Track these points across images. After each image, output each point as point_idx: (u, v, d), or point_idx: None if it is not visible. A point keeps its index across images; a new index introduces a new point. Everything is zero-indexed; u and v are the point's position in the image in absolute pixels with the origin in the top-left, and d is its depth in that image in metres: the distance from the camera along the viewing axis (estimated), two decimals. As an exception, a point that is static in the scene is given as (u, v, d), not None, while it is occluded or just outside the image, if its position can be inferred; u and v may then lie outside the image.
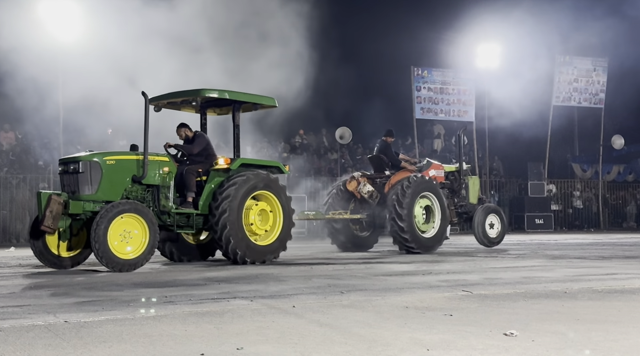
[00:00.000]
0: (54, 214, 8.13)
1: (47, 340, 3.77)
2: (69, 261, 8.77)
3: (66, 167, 8.69)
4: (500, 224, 12.96)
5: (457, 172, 13.06)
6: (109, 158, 8.75)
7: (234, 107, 9.92)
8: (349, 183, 12.21)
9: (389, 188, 11.82)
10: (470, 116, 24.07)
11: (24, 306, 5.13)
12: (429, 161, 12.88)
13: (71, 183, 8.60)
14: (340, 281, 6.82)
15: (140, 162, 8.87)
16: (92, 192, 8.53)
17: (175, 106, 10.12)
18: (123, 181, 8.83)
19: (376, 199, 12.00)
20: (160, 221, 8.97)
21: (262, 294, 5.73)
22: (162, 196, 9.07)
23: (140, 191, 8.98)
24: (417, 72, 23.41)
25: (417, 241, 11.39)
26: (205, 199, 9.30)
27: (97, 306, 5.07)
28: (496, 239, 12.93)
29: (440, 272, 7.80)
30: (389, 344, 3.61)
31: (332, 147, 23.54)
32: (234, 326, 4.16)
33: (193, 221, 9.26)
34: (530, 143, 26.76)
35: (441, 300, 5.26)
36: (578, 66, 25.22)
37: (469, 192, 13.13)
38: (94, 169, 8.57)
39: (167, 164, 9.19)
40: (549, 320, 4.32)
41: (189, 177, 9.31)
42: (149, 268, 8.93)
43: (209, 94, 9.50)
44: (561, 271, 7.76)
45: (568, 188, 25.89)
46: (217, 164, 9.54)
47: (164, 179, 9.10)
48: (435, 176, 12.41)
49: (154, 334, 3.91)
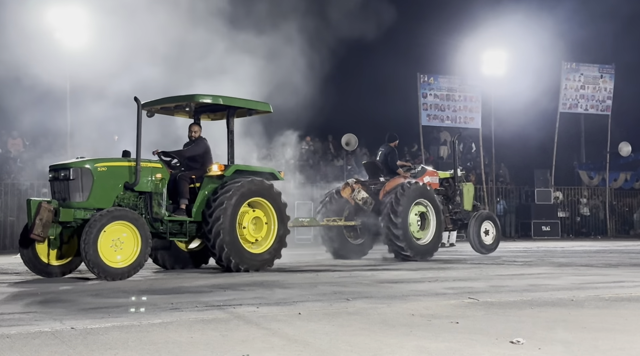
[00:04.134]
0: (43, 222, 7.91)
1: (54, 346, 3.78)
2: (59, 269, 8.54)
3: (57, 173, 8.48)
4: (495, 231, 12.89)
5: (451, 179, 13.00)
6: (101, 165, 8.55)
7: (228, 112, 9.73)
8: (343, 190, 12.05)
9: (383, 194, 11.71)
10: (476, 123, 24.06)
11: (30, 312, 5.14)
12: (423, 168, 12.82)
13: (62, 190, 8.39)
14: (346, 288, 6.81)
15: (132, 169, 8.68)
16: (83, 199, 8.34)
17: (169, 111, 9.97)
18: (115, 187, 8.63)
19: (370, 205, 11.86)
20: (153, 228, 8.79)
21: (267, 301, 5.73)
22: (155, 203, 8.87)
23: (132, 198, 8.80)
24: (423, 79, 23.43)
25: (412, 248, 11.31)
26: (199, 206, 9.13)
27: (104, 313, 5.08)
28: (491, 246, 12.85)
29: (446, 279, 7.78)
30: (395, 352, 3.60)
31: (338, 154, 23.55)
32: (239, 333, 4.16)
33: (186, 229, 9.11)
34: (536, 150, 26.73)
35: (447, 308, 5.24)
36: (585, 73, 25.18)
37: (464, 199, 13.06)
38: (85, 175, 8.38)
39: (160, 171, 9.01)
40: (556, 328, 4.30)
41: (182, 183, 9.15)
42: (153, 276, 8.94)
43: (203, 99, 9.34)
44: (568, 279, 7.73)
45: (575, 195, 25.81)
46: (211, 171, 9.38)
47: (156, 186, 8.91)
48: (430, 182, 12.34)
49: (160, 341, 3.92)
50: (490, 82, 23.77)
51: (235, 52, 13.38)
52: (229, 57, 13.31)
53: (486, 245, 12.75)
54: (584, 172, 28.27)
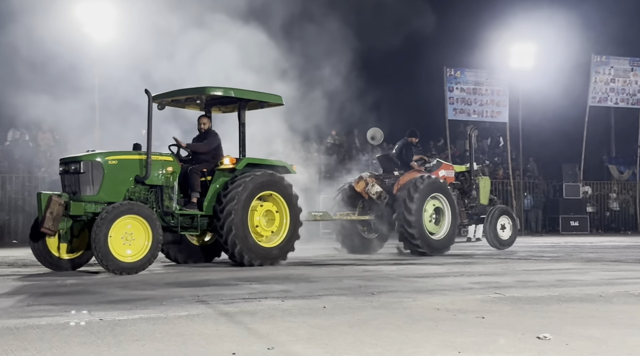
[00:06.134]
0: (54, 216, 7.85)
1: (82, 337, 3.83)
2: (69, 263, 8.50)
3: (67, 167, 8.42)
4: (511, 226, 12.66)
5: (467, 173, 12.80)
6: (111, 158, 8.48)
7: (239, 105, 9.63)
8: (356, 184, 11.92)
9: (397, 188, 11.59)
10: (503, 117, 23.82)
11: (59, 304, 5.22)
12: (438, 161, 12.63)
13: (72, 183, 8.34)
14: (371, 282, 6.80)
15: (143, 162, 8.61)
16: (94, 193, 8.27)
17: (180, 104, 9.93)
18: (125, 181, 8.57)
19: (385, 200, 11.73)
20: (164, 222, 8.75)
21: (292, 294, 5.75)
22: (166, 197, 8.83)
23: (143, 192, 8.73)
24: (449, 73, 23.25)
25: (426, 243, 11.18)
26: (210, 199, 9.07)
27: (131, 304, 5.14)
28: (507, 242, 12.63)
29: (472, 274, 7.73)
30: (420, 346, 3.59)
31: (364, 148, 23.50)
32: (264, 326, 4.18)
33: (197, 223, 9.02)
34: (565, 144, 26.37)
35: (473, 303, 5.21)
36: (615, 66, 24.78)
37: (480, 193, 12.86)
38: (96, 169, 8.31)
39: (171, 164, 8.97)
40: (584, 324, 4.25)
41: (193, 177, 9.10)
42: (181, 269, 9.02)
43: (214, 92, 9.28)
44: (596, 274, 7.64)
45: (604, 190, 25.46)
46: (223, 164, 9.32)
47: (167, 179, 8.86)
48: (445, 176, 12.18)
49: (186, 333, 3.95)
50: (518, 76, 23.49)
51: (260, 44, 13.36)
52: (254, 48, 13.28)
53: (502, 240, 12.54)
54: (614, 167, 27.85)
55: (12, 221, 17.52)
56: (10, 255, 11.79)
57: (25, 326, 4.15)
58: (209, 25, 13.17)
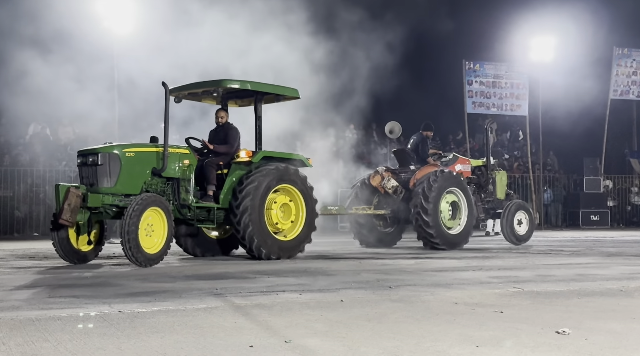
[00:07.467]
0: (72, 207, 7.92)
1: (102, 329, 3.87)
2: (89, 254, 8.60)
3: (85, 159, 8.46)
4: (528, 221, 12.54)
5: (484, 167, 12.71)
6: (129, 150, 8.52)
7: (256, 98, 9.61)
8: (372, 178, 11.90)
9: (413, 183, 11.54)
10: (523, 110, 23.63)
11: (80, 296, 5.28)
12: (455, 155, 12.58)
13: (90, 175, 8.38)
14: (389, 276, 6.80)
15: (160, 155, 8.66)
16: (111, 185, 8.32)
17: (196, 96, 9.94)
18: (143, 173, 8.61)
19: (401, 194, 11.71)
20: (180, 215, 8.81)
21: (310, 288, 5.76)
22: (182, 190, 8.86)
23: (160, 184, 8.77)
24: (468, 66, 23.09)
25: (442, 237, 11.15)
26: (226, 192, 9.10)
27: (150, 297, 5.18)
28: (524, 237, 12.51)
29: (491, 268, 7.70)
30: (438, 339, 3.58)
31: (382, 142, 23.43)
32: (282, 319, 4.20)
33: (214, 216, 9.06)
34: (586, 138, 26.11)
35: (492, 297, 5.19)
36: (637, 59, 24.48)
37: (497, 187, 12.79)
38: (113, 161, 8.35)
39: (188, 157, 9.01)
40: (604, 319, 4.22)
41: (210, 170, 9.13)
42: (199, 262, 9.07)
43: (231, 84, 9.30)
44: (617, 269, 7.57)
45: (625, 184, 25.20)
46: (239, 157, 9.33)
47: (184, 172, 8.90)
48: (462, 170, 12.12)
49: (205, 325, 3.98)
50: (538, 69, 23.28)
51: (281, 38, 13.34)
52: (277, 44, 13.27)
53: (519, 235, 12.42)
54: (635, 161, 27.52)
55: (34, 213, 17.72)
56: (31, 247, 11.93)
57: (47, 317, 4.20)
58: (230, 15, 13.14)
